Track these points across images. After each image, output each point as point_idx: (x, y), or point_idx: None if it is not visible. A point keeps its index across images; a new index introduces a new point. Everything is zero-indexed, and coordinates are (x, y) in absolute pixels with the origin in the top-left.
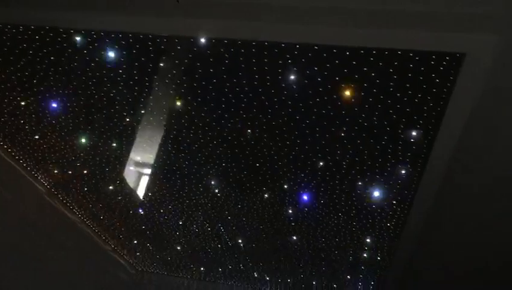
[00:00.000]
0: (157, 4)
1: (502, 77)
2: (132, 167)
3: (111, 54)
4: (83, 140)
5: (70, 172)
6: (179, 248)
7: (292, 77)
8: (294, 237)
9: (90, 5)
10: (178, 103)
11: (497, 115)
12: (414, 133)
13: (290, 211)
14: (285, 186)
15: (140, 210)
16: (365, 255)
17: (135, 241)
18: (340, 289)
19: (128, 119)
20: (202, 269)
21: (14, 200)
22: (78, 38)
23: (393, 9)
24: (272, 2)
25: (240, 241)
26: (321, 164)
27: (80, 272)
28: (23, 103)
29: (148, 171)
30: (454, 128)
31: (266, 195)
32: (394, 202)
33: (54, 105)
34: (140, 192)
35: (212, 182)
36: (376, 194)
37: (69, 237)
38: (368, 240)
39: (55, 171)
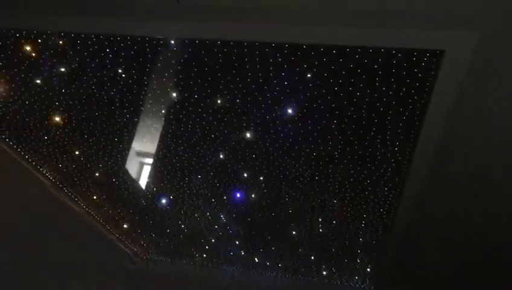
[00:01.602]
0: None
1: (481, 73)
2: (133, 160)
3: (110, 56)
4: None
5: (74, 166)
6: (181, 236)
7: (283, 74)
8: (292, 224)
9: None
10: (174, 94)
11: (477, 109)
12: (401, 124)
13: (287, 199)
14: (281, 176)
15: (142, 201)
16: (361, 239)
17: (139, 231)
18: (339, 273)
19: (128, 116)
20: (204, 255)
21: (20, 193)
22: (78, 41)
23: (376, 9)
24: (260, 5)
25: (239, 228)
26: (314, 154)
27: (85, 262)
28: (27, 102)
29: (149, 164)
30: (438, 121)
31: (263, 184)
32: (386, 188)
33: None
34: (142, 184)
35: (211, 174)
36: (368, 181)
37: (74, 227)
38: (363, 225)
39: (60, 166)
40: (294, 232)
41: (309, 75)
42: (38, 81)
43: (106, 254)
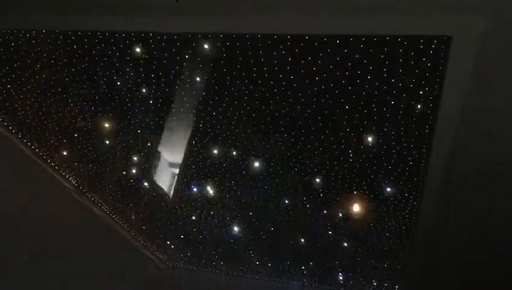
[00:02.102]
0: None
1: (491, 59)
2: (155, 166)
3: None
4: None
5: (95, 170)
6: (205, 243)
7: (288, 68)
8: (313, 229)
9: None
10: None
11: (489, 95)
12: (414, 119)
13: (304, 200)
14: (297, 177)
15: (164, 207)
16: (385, 247)
17: (163, 237)
18: (366, 282)
19: (152, 122)
20: (229, 263)
21: (43, 198)
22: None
23: None
24: None
25: (261, 233)
26: (328, 153)
27: (110, 268)
28: (44, 105)
29: (169, 172)
30: (451, 114)
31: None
32: (405, 189)
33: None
34: (163, 190)
35: (227, 176)
36: (386, 181)
37: (97, 233)
38: (385, 231)
39: (82, 170)
40: (316, 239)
41: (314, 68)
42: (52, 83)
43: (131, 261)
